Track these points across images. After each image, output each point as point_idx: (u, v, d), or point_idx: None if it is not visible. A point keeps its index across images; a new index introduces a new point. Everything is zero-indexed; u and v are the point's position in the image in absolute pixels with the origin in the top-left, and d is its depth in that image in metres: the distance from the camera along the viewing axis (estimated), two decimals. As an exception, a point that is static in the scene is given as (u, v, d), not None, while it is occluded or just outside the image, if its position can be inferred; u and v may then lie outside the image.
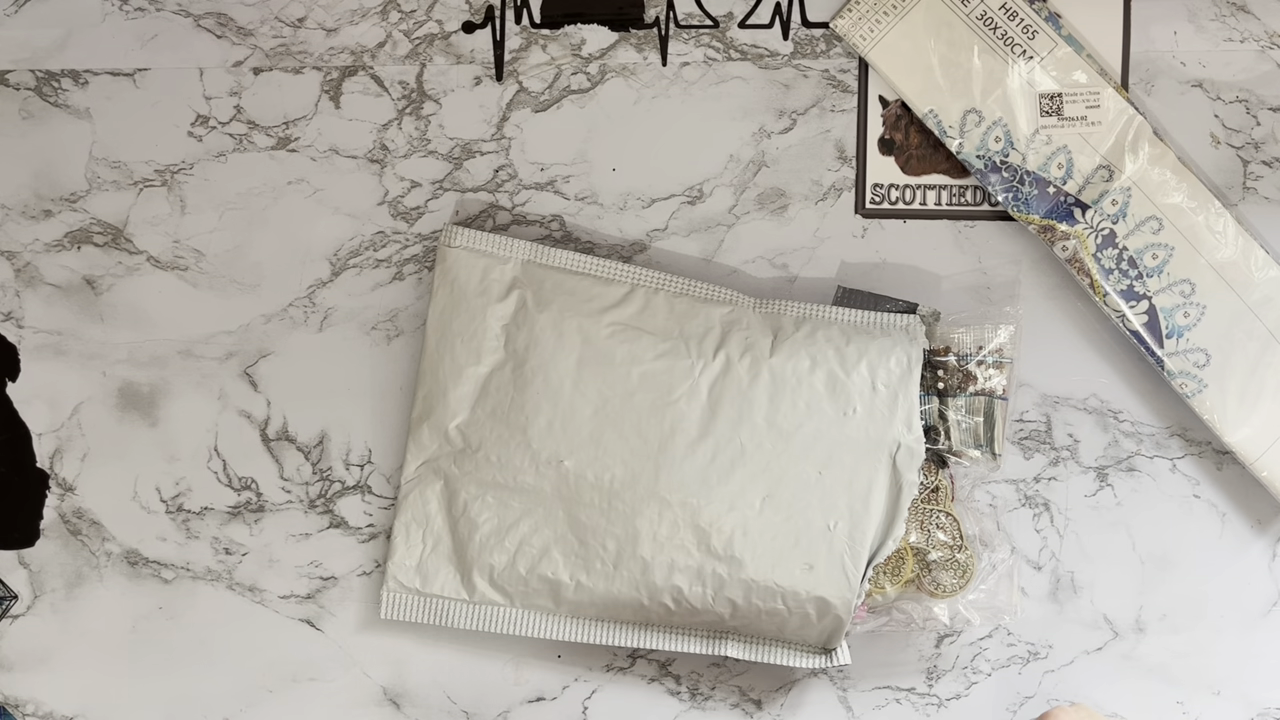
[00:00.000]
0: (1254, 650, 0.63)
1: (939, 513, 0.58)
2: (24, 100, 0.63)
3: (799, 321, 0.59)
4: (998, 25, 0.61)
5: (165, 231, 0.63)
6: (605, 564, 0.57)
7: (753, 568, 0.56)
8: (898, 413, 0.57)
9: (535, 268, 0.59)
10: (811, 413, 0.57)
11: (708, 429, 0.57)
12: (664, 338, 0.58)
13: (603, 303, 0.59)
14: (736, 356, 0.57)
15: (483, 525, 0.58)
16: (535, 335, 0.58)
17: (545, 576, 0.58)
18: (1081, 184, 0.61)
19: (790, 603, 0.57)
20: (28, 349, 0.63)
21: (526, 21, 0.63)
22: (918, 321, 0.59)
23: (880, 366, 0.57)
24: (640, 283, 0.59)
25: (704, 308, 0.59)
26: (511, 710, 0.63)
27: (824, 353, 0.58)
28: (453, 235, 0.60)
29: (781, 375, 0.57)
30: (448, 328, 0.58)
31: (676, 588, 0.57)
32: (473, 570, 0.58)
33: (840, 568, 0.56)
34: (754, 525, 0.56)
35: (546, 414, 0.57)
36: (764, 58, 0.63)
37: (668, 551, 0.56)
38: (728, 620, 0.58)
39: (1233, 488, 0.63)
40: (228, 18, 0.63)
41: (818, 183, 0.63)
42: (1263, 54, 0.62)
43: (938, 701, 0.63)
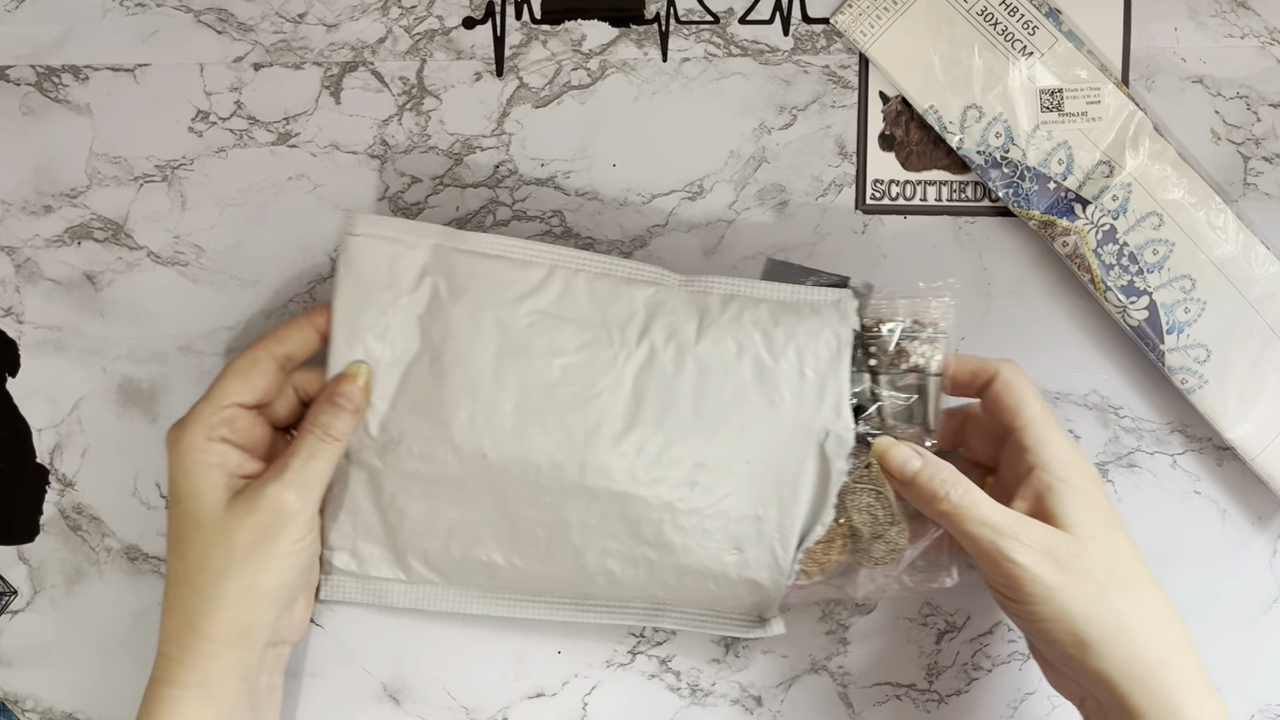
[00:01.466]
0: (1255, 647, 0.63)
1: (871, 490, 0.57)
2: (24, 96, 0.63)
3: (726, 301, 0.57)
4: (998, 21, 0.61)
5: (165, 227, 0.63)
6: (538, 548, 0.56)
7: (683, 554, 0.56)
8: (826, 399, 0.55)
9: (446, 252, 0.57)
10: (739, 402, 0.55)
11: (633, 421, 0.55)
12: (585, 326, 0.56)
13: (520, 289, 0.56)
14: (661, 345, 0.56)
15: (411, 514, 0.57)
16: (451, 327, 0.55)
17: (480, 559, 0.57)
18: (1082, 180, 0.61)
19: (722, 584, 0.56)
20: (27, 344, 0.63)
21: (527, 17, 0.63)
22: (849, 296, 0.57)
23: (809, 351, 0.56)
24: (559, 264, 0.57)
25: (627, 290, 0.57)
26: (511, 706, 0.63)
27: (751, 337, 0.56)
28: (355, 222, 0.56)
29: (707, 364, 0.55)
30: (357, 320, 0.56)
31: (609, 571, 0.56)
32: (407, 554, 0.58)
33: (770, 553, 0.56)
34: (683, 514, 0.55)
35: (467, 408, 0.55)
36: (764, 53, 0.63)
37: (598, 539, 0.56)
38: (662, 596, 0.58)
39: (1233, 484, 0.63)
40: (228, 13, 0.63)
41: (818, 178, 0.63)
42: (1263, 50, 0.62)
43: (938, 698, 0.63)
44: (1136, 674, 0.50)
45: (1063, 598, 0.50)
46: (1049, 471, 0.53)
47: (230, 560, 0.53)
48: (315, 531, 0.56)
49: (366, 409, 0.56)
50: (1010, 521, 0.51)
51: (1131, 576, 0.52)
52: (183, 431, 0.54)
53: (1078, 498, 0.52)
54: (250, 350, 0.56)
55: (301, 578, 0.55)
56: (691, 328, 0.56)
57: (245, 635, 0.53)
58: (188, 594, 0.53)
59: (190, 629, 0.53)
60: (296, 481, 0.54)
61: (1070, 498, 0.52)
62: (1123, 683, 0.50)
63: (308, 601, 0.59)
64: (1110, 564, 0.51)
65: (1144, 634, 0.51)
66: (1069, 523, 0.52)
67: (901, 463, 0.54)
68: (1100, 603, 0.50)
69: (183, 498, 0.54)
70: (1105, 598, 0.50)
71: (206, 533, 0.53)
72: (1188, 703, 0.50)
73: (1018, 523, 0.51)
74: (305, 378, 0.57)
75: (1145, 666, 0.50)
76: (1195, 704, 0.50)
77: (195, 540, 0.53)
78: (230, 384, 0.55)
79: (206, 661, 0.53)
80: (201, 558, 0.53)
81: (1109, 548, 0.52)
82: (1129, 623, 0.50)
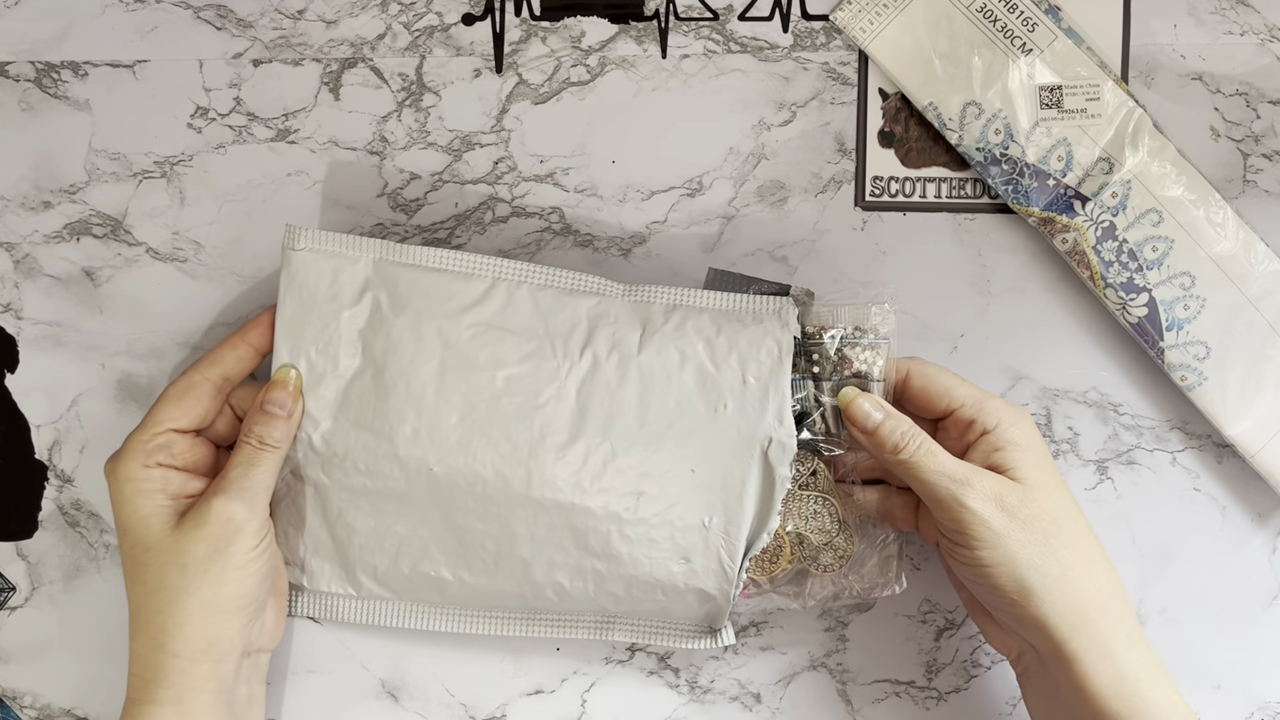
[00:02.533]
0: (1254, 644, 0.63)
1: (818, 498, 0.57)
2: (24, 92, 0.63)
3: (669, 311, 0.57)
4: (997, 18, 0.61)
5: (164, 223, 0.63)
6: (486, 563, 0.56)
7: (631, 564, 0.56)
8: (769, 406, 0.56)
9: (388, 266, 0.57)
10: (683, 411, 0.56)
11: (578, 432, 0.55)
12: (528, 337, 0.56)
13: (462, 301, 0.56)
14: (604, 355, 0.56)
15: (360, 529, 0.57)
16: (393, 341, 0.56)
17: (428, 575, 0.57)
18: (1081, 176, 0.61)
19: (670, 594, 0.56)
20: (26, 340, 0.63)
21: (526, 14, 0.63)
22: (790, 304, 0.57)
23: (751, 358, 0.56)
24: (502, 276, 0.57)
25: (569, 300, 0.57)
26: (510, 703, 0.63)
27: (693, 346, 0.56)
28: (296, 237, 0.56)
29: (650, 373, 0.56)
30: (299, 335, 0.56)
31: (558, 583, 0.56)
32: (356, 569, 0.58)
33: (717, 561, 0.56)
34: (629, 524, 0.55)
35: (411, 422, 0.55)
36: (764, 50, 0.63)
37: (546, 551, 0.56)
38: (612, 609, 0.58)
39: (1233, 481, 0.63)
40: (227, 10, 0.63)
41: (817, 175, 0.63)
42: (1263, 47, 0.62)
43: (937, 695, 0.63)
44: (1075, 619, 0.52)
45: (1009, 544, 0.52)
46: (997, 433, 0.55)
47: (186, 577, 0.53)
48: (269, 539, 0.55)
49: (300, 413, 0.56)
50: (964, 470, 0.53)
51: (1072, 526, 0.54)
52: (118, 462, 0.55)
53: (1024, 454, 0.54)
54: (185, 375, 0.56)
55: (262, 586, 0.55)
56: (634, 337, 0.56)
57: (214, 648, 0.54)
58: (150, 616, 0.53)
59: (158, 649, 0.53)
60: (239, 491, 0.54)
61: (1017, 455, 0.54)
62: (1061, 628, 0.52)
63: (279, 608, 0.58)
64: (1054, 513, 0.53)
65: (1082, 581, 0.53)
66: (1018, 475, 0.54)
67: (865, 415, 0.55)
68: (1044, 550, 0.52)
69: (129, 526, 0.54)
70: (1049, 545, 0.53)
71: (158, 554, 0.53)
72: (1121, 646, 0.53)
73: (972, 472, 0.53)
74: (242, 394, 0.57)
75: (1084, 612, 0.52)
76: (1127, 647, 0.53)
77: (149, 564, 0.54)
78: (164, 410, 0.55)
79: (179, 678, 0.53)
80: (159, 579, 0.53)
81: (1055, 498, 0.54)
82: (1069, 570, 0.53)
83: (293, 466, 0.57)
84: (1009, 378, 0.63)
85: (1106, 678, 0.52)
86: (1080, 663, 0.52)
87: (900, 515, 0.58)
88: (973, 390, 0.56)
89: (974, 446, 0.55)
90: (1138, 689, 0.52)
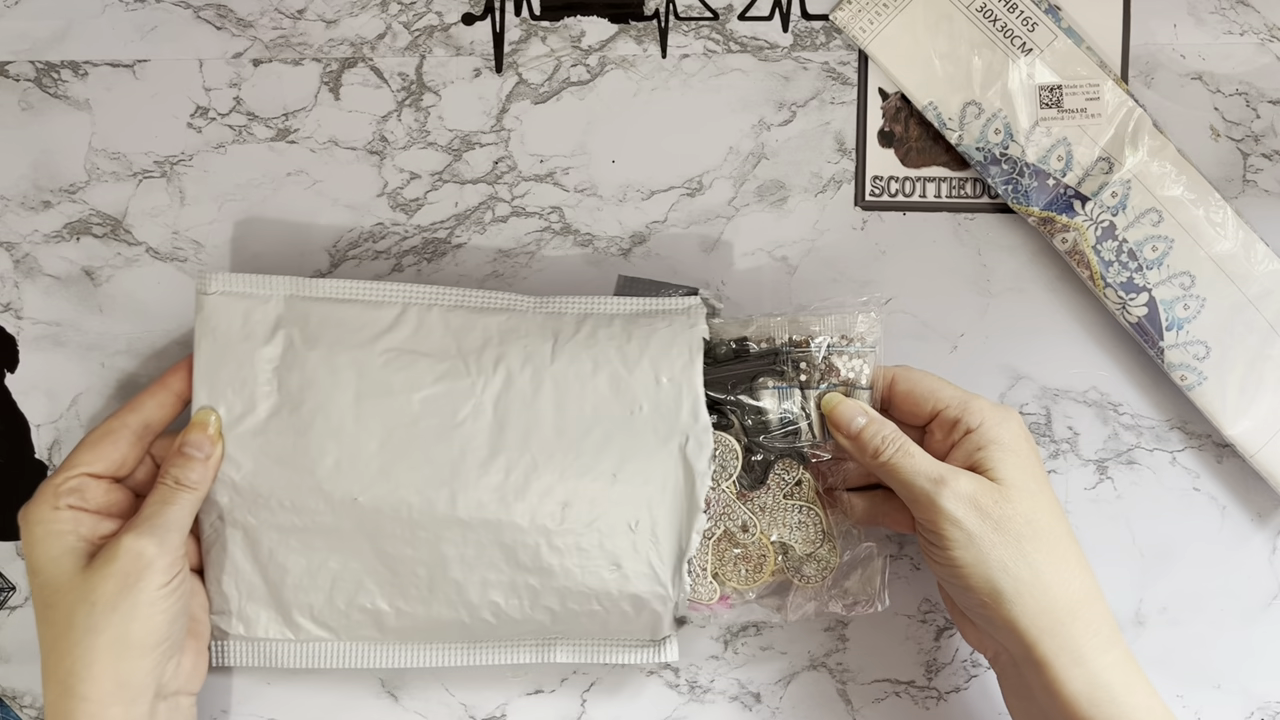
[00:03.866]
0: (1254, 644, 0.63)
1: (802, 507, 0.57)
2: (24, 91, 0.63)
3: (580, 320, 0.58)
4: (997, 18, 0.61)
5: (164, 223, 0.63)
6: (420, 589, 0.56)
7: (563, 576, 0.55)
8: (683, 405, 0.56)
9: (299, 302, 0.57)
10: (600, 417, 0.56)
11: (498, 446, 0.55)
12: (442, 358, 0.56)
13: (374, 329, 0.56)
14: (518, 368, 0.56)
15: (292, 568, 0.56)
16: (308, 375, 0.56)
17: (365, 608, 0.57)
18: (1081, 176, 0.61)
19: (605, 603, 0.56)
20: (26, 340, 0.63)
21: (526, 13, 0.63)
22: (699, 305, 0.58)
23: (663, 360, 0.56)
24: (412, 301, 0.57)
25: (480, 318, 0.57)
26: (510, 703, 0.63)
27: (606, 353, 0.56)
28: (208, 281, 0.56)
29: (565, 383, 0.56)
30: (215, 378, 0.56)
31: (494, 603, 0.56)
32: (292, 611, 0.57)
33: (648, 564, 0.56)
34: (557, 534, 0.55)
35: (332, 454, 0.55)
36: (764, 50, 0.63)
37: (478, 571, 0.55)
38: (550, 627, 0.57)
39: (1233, 481, 0.63)
40: (227, 9, 0.63)
41: (817, 175, 0.63)
42: (1263, 47, 0.62)
43: (937, 695, 0.63)
44: (1045, 624, 0.52)
45: (981, 545, 0.52)
46: (980, 433, 0.55)
47: (94, 615, 0.52)
48: (183, 579, 0.54)
49: (220, 455, 0.56)
50: (940, 470, 0.53)
51: (1048, 529, 0.53)
52: (30, 507, 0.54)
53: (1006, 454, 0.54)
54: (105, 421, 0.56)
55: (174, 624, 0.53)
56: (547, 349, 0.57)
57: (124, 689, 0.52)
58: (59, 659, 0.52)
59: (67, 693, 0.52)
60: (150, 528, 0.53)
61: (998, 454, 0.54)
62: (1031, 632, 0.52)
63: (198, 652, 0.57)
64: (1030, 516, 0.53)
65: (1055, 585, 0.52)
66: (997, 475, 0.54)
67: (848, 419, 0.56)
68: (1016, 553, 0.52)
69: (40, 568, 0.53)
70: (1021, 548, 0.52)
71: (67, 594, 0.53)
72: (1093, 652, 0.52)
73: (948, 472, 0.53)
74: (164, 443, 0.57)
75: (1054, 616, 0.52)
76: (1100, 652, 0.52)
77: (58, 604, 0.53)
78: (79, 455, 0.55)
79: None
80: (68, 619, 0.52)
81: (1033, 501, 0.53)
82: (1042, 574, 0.52)
83: (219, 511, 0.56)
84: (1009, 377, 0.63)
85: (1078, 683, 0.52)
86: (1051, 667, 0.52)
87: (896, 518, 0.58)
88: (958, 392, 0.56)
89: (957, 446, 0.55)
90: (1111, 694, 0.52)
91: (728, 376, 0.57)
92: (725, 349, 0.58)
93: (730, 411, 0.57)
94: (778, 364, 0.57)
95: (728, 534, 0.57)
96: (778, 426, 0.57)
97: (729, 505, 0.57)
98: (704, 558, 0.57)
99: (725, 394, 0.57)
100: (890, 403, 0.58)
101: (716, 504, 0.57)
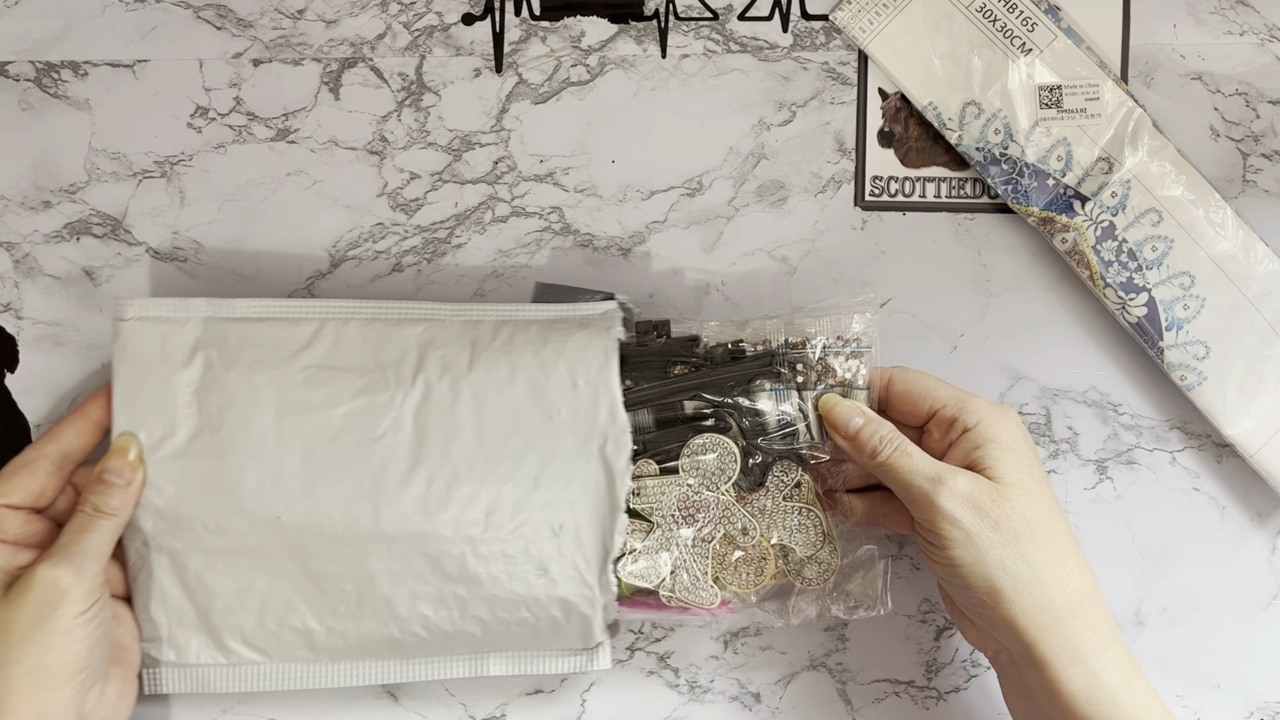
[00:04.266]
0: (1254, 644, 0.63)
1: (802, 509, 0.57)
2: (24, 91, 0.63)
3: (497, 327, 0.58)
4: (997, 18, 0.61)
5: (164, 223, 0.63)
6: (349, 606, 0.56)
7: (490, 584, 0.55)
8: (600, 406, 0.56)
9: (216, 323, 0.57)
10: (519, 423, 0.56)
11: (419, 458, 0.55)
12: (360, 372, 0.56)
13: (292, 347, 0.56)
14: (436, 379, 0.56)
15: (220, 591, 0.56)
16: (227, 396, 0.56)
17: (295, 627, 0.56)
18: (1081, 176, 0.61)
19: (534, 609, 0.56)
20: (26, 340, 0.63)
21: (526, 14, 0.63)
22: (615, 309, 0.58)
23: (579, 363, 0.56)
24: (329, 316, 0.57)
25: (398, 330, 0.57)
26: (510, 703, 0.63)
27: (523, 359, 0.56)
28: (124, 307, 0.56)
29: (483, 390, 0.56)
30: (134, 404, 0.56)
31: (423, 616, 0.56)
32: (223, 634, 0.57)
33: (573, 567, 0.56)
34: (482, 542, 0.55)
35: (254, 473, 0.55)
36: (763, 50, 0.63)
37: (406, 584, 0.55)
38: (482, 638, 0.57)
39: (1232, 481, 0.63)
40: (227, 9, 0.63)
41: (817, 175, 0.63)
42: (1262, 47, 0.62)
43: (937, 695, 0.63)
44: (1044, 622, 0.52)
45: (979, 544, 0.52)
46: (977, 431, 0.55)
47: (10, 645, 0.51)
48: (102, 607, 0.53)
49: (140, 481, 0.55)
50: (938, 469, 0.53)
51: (1047, 528, 0.53)
52: None
53: (1004, 452, 0.54)
54: (23, 452, 0.56)
55: (93, 653, 0.53)
56: (464, 358, 0.57)
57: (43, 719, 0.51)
58: None
59: None
60: (67, 556, 0.53)
61: (996, 453, 0.54)
62: (1030, 630, 0.52)
63: (123, 682, 0.56)
64: (1028, 514, 0.53)
65: (1053, 584, 0.52)
66: (995, 474, 0.54)
67: (846, 419, 0.56)
68: (1014, 551, 0.52)
69: None
70: (1020, 547, 0.52)
71: None
72: (1092, 651, 0.52)
73: (945, 471, 0.53)
74: (85, 473, 0.57)
75: (1053, 615, 0.52)
76: (1099, 651, 0.52)
77: None
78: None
79: None
80: None
81: (1031, 499, 0.53)
82: (1041, 573, 0.52)
83: (144, 537, 0.56)
84: (1009, 377, 0.63)
85: (1077, 682, 0.52)
86: (1050, 666, 0.52)
87: (896, 519, 0.58)
88: (955, 391, 0.56)
89: (955, 445, 0.55)
90: (1110, 694, 0.52)
91: (724, 379, 0.57)
92: (721, 351, 0.58)
93: (728, 414, 0.57)
94: (774, 366, 0.57)
95: (728, 537, 0.57)
96: (776, 428, 0.57)
97: (728, 508, 0.57)
98: (704, 562, 0.57)
99: (722, 396, 0.57)
100: (887, 403, 0.58)
101: (715, 507, 0.57)
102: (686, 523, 0.57)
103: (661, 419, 0.58)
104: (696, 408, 0.58)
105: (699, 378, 0.57)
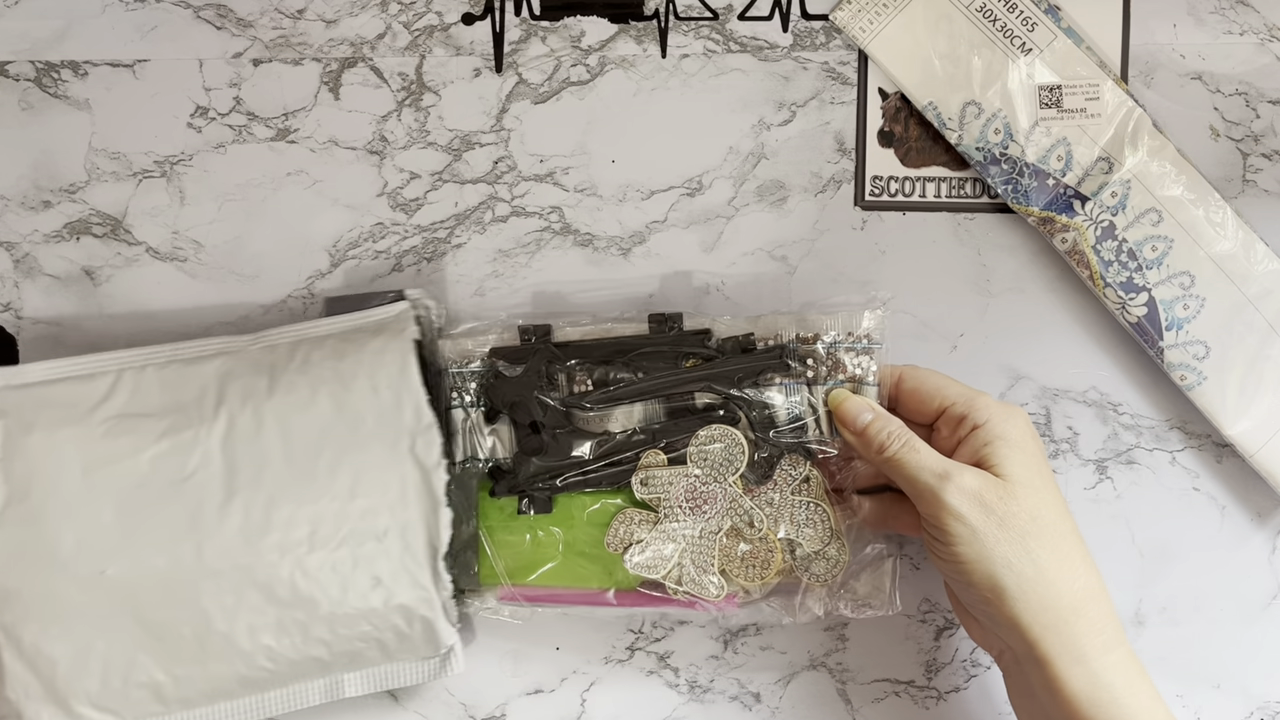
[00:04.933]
0: (1254, 643, 0.63)
1: (809, 504, 0.57)
2: (23, 91, 0.63)
3: (293, 348, 0.58)
4: (997, 18, 0.61)
5: (164, 223, 0.63)
6: (192, 650, 0.55)
7: (326, 602, 0.55)
8: (404, 408, 0.56)
9: (10, 392, 0.56)
10: (327, 438, 0.56)
11: (233, 489, 0.55)
12: (163, 415, 0.56)
13: (90, 401, 0.56)
14: (238, 409, 0.56)
15: (60, 658, 0.55)
16: (31, 461, 0.55)
17: (142, 682, 0.55)
18: (1081, 176, 0.61)
19: (375, 621, 0.56)
20: (26, 340, 0.63)
21: (526, 13, 0.63)
22: (408, 309, 0.58)
23: (378, 369, 0.57)
24: (125, 366, 0.57)
25: (195, 368, 0.57)
26: (510, 703, 0.63)
27: (322, 375, 0.56)
28: None
29: (286, 412, 0.56)
30: None
31: (266, 647, 0.55)
32: (70, 701, 0.55)
33: (407, 572, 0.56)
34: (310, 564, 0.55)
35: (70, 533, 0.54)
36: (763, 50, 0.63)
37: (242, 617, 0.55)
38: (330, 660, 0.57)
39: (1232, 480, 0.63)
40: (227, 9, 0.63)
41: (817, 175, 0.63)
42: (1262, 47, 0.62)
43: (937, 694, 0.63)
44: (1047, 621, 0.52)
45: (984, 541, 0.52)
46: (987, 429, 0.54)
47: None
48: None
49: None
50: (945, 465, 0.53)
51: (1053, 527, 0.53)
52: None
53: (1011, 450, 0.54)
54: None
55: None
56: (263, 384, 0.57)
57: None
58: None
59: None
60: None
61: (1004, 450, 0.54)
62: (1033, 629, 0.52)
63: None
64: (1035, 512, 0.53)
65: (1058, 583, 0.52)
66: (1003, 471, 0.53)
67: (855, 414, 0.56)
68: (1020, 549, 0.52)
69: None
70: (1025, 545, 0.52)
71: None
72: (1095, 651, 0.52)
73: (953, 467, 0.53)
74: None
75: (1057, 614, 0.52)
76: (1103, 652, 0.52)
77: None
78: None
79: None
80: None
81: (1038, 497, 0.53)
82: (1045, 571, 0.52)
83: None
84: (1009, 377, 0.63)
85: (1080, 682, 0.51)
86: (1053, 665, 0.52)
87: (905, 521, 0.58)
88: (964, 389, 0.56)
89: (964, 442, 0.55)
90: (1113, 695, 0.51)
91: (733, 371, 0.57)
92: (732, 345, 0.58)
93: (737, 406, 0.57)
94: (784, 359, 0.57)
95: (734, 530, 0.57)
96: (785, 421, 0.57)
97: (735, 500, 0.57)
98: (710, 554, 0.57)
99: (731, 389, 0.57)
100: (897, 400, 0.58)
101: (723, 499, 0.57)
102: (693, 514, 0.57)
103: (672, 409, 0.58)
104: (707, 400, 0.58)
105: (709, 369, 0.57)
